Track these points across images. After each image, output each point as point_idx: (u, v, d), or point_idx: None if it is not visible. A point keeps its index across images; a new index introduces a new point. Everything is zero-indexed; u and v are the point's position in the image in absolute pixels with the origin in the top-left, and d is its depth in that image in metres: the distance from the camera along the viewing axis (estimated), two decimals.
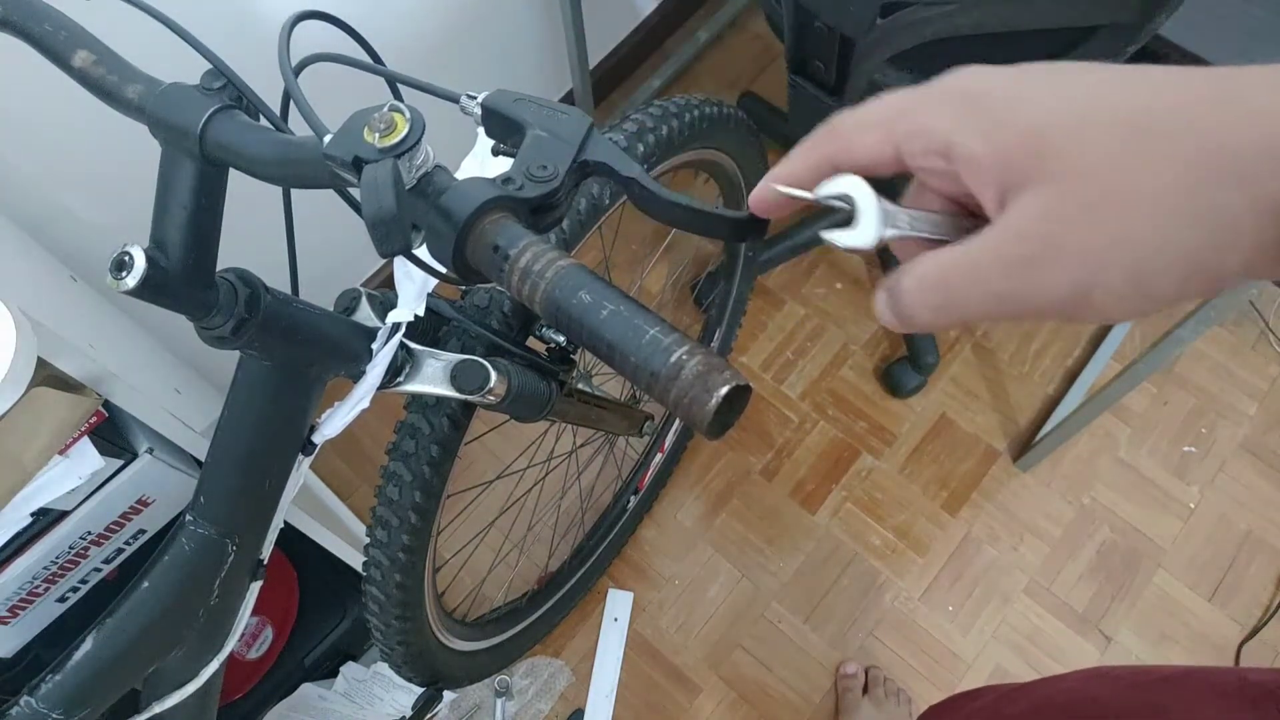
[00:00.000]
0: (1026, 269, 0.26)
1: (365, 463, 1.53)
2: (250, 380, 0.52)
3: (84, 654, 0.55)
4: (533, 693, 1.37)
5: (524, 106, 0.39)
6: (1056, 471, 1.51)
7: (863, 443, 1.54)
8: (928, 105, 0.28)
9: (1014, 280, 0.26)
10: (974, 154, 0.26)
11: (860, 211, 0.29)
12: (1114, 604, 1.42)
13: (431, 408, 0.72)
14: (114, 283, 0.40)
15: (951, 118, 0.27)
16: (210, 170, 0.43)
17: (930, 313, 0.28)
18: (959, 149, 0.27)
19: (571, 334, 0.32)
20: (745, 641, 1.41)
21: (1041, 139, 0.25)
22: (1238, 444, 1.53)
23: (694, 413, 0.29)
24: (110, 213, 1.01)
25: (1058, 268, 0.25)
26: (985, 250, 0.26)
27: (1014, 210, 0.26)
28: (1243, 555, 1.45)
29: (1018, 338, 1.62)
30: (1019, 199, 0.26)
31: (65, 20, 0.45)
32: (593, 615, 1.42)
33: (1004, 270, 0.26)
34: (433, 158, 0.36)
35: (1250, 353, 1.60)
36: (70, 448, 0.69)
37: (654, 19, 1.76)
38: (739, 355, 1.61)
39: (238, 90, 0.43)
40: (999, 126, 0.26)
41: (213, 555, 0.57)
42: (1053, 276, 0.25)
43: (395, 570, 0.78)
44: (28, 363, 0.52)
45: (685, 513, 1.50)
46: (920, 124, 0.28)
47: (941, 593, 1.43)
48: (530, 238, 0.33)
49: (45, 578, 0.77)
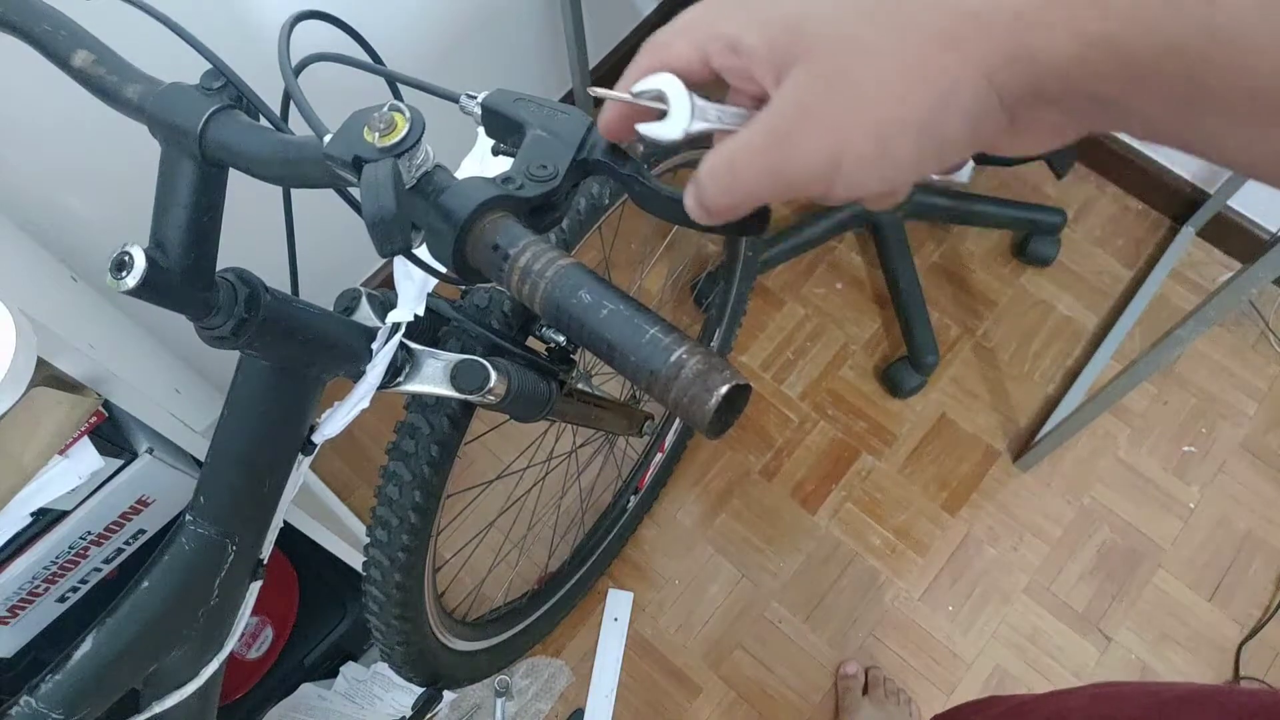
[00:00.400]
0: (788, 140, 0.28)
1: (365, 463, 1.53)
2: (250, 380, 0.52)
3: (84, 654, 0.55)
4: (533, 693, 1.37)
5: (524, 106, 0.38)
6: (1056, 471, 1.51)
7: (863, 443, 1.54)
8: (719, 10, 0.31)
9: (779, 152, 0.29)
10: (754, 46, 0.29)
11: (671, 105, 0.32)
12: (1114, 604, 1.42)
13: (431, 407, 0.72)
14: (114, 283, 0.40)
15: (736, 19, 0.30)
16: (210, 170, 0.43)
17: (722, 194, 0.31)
18: (743, 44, 0.30)
19: (571, 334, 0.32)
20: (745, 641, 1.41)
21: (798, 24, 0.28)
22: (1238, 444, 1.53)
23: (694, 412, 0.29)
24: (110, 212, 1.01)
25: (812, 136, 0.28)
26: (757, 128, 0.29)
27: (780, 89, 0.29)
28: (1243, 555, 1.45)
29: (1018, 337, 1.62)
30: (786, 80, 0.28)
31: (65, 20, 0.45)
32: (593, 615, 1.42)
33: (771, 143, 0.29)
34: (433, 157, 0.36)
35: (1250, 353, 1.60)
36: (70, 448, 0.69)
37: (654, 19, 1.76)
38: (739, 355, 1.61)
39: (238, 90, 0.43)
40: (770, 20, 0.29)
41: (213, 555, 0.57)
42: (809, 144, 0.28)
43: (395, 570, 0.78)
44: (28, 363, 0.52)
45: (685, 513, 1.50)
46: (715, 29, 0.31)
47: (941, 593, 1.43)
48: (530, 237, 0.33)
49: (45, 578, 0.77)
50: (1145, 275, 1.65)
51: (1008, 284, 1.67)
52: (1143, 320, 1.61)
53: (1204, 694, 0.58)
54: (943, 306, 1.65)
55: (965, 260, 1.69)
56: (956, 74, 0.26)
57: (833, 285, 1.67)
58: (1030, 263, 1.67)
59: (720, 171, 0.30)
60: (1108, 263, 1.68)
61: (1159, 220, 1.72)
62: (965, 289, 1.67)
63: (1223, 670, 1.38)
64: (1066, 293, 1.66)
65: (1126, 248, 1.69)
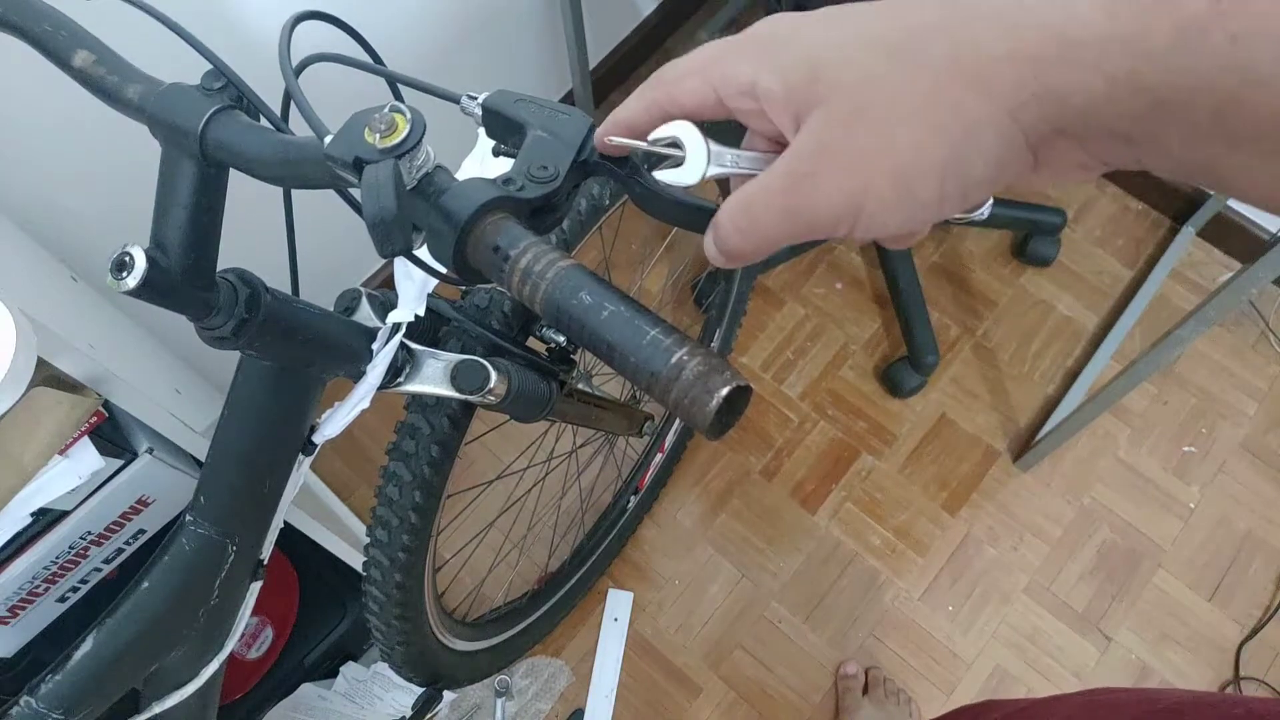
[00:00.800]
0: (806, 182, 0.28)
1: (365, 463, 1.53)
2: (250, 380, 0.52)
3: (84, 654, 0.55)
4: (533, 693, 1.37)
5: (524, 107, 0.38)
6: (1056, 471, 1.51)
7: (863, 443, 1.54)
8: (735, 51, 0.31)
9: (798, 195, 0.28)
10: (771, 90, 0.29)
11: (688, 152, 0.32)
12: (1114, 604, 1.42)
13: (431, 408, 0.72)
14: (114, 283, 0.40)
15: (752, 61, 0.30)
16: (210, 170, 0.43)
17: (739, 236, 0.30)
18: (760, 87, 0.29)
19: (572, 334, 0.32)
20: (745, 641, 1.41)
21: (816, 67, 0.28)
22: (1238, 444, 1.53)
23: (695, 413, 0.29)
24: (110, 213, 1.01)
25: (832, 178, 0.28)
26: (776, 171, 0.29)
27: (800, 133, 0.28)
28: (1243, 555, 1.45)
29: (1018, 338, 1.62)
30: (804, 123, 0.28)
31: (65, 20, 0.45)
32: (593, 615, 1.42)
33: (790, 186, 0.28)
34: (433, 158, 0.36)
35: (1250, 353, 1.60)
36: (70, 448, 0.69)
37: (654, 19, 1.76)
38: (739, 355, 1.61)
39: (238, 90, 0.43)
40: (786, 62, 0.29)
41: (213, 555, 0.57)
42: (828, 186, 0.28)
43: (395, 570, 0.78)
44: (28, 363, 0.52)
45: (685, 513, 1.50)
46: (730, 69, 0.30)
47: (941, 593, 1.43)
48: (531, 238, 0.33)
49: (45, 578, 0.77)
50: (1145, 275, 1.65)
51: (1008, 284, 1.67)
52: (1143, 320, 1.61)
53: (1201, 701, 0.57)
54: (943, 306, 1.65)
55: (965, 260, 1.69)
56: (980, 114, 0.25)
57: (833, 285, 1.67)
58: (1030, 263, 1.67)
59: (738, 215, 0.30)
60: (1108, 263, 1.68)
61: (1159, 220, 1.72)
62: (965, 289, 1.67)
63: (1223, 670, 1.38)
64: (1066, 293, 1.66)
65: (1126, 248, 1.69)
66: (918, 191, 0.27)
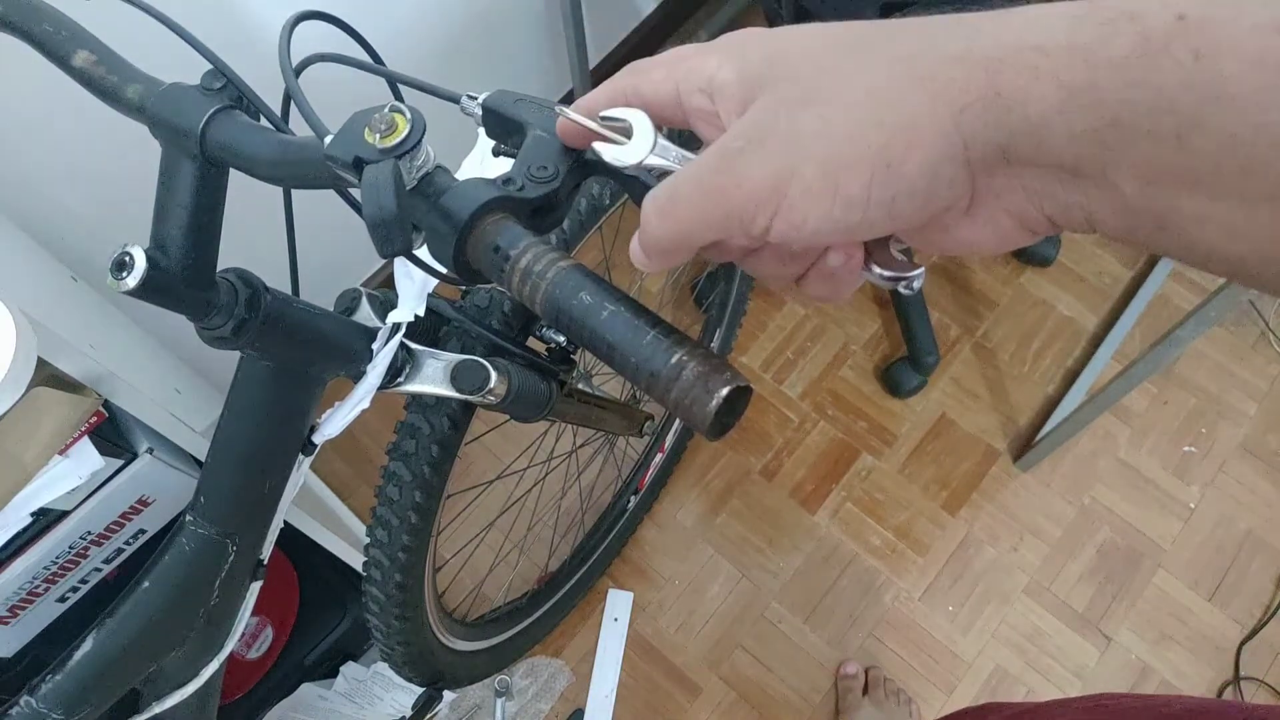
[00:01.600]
0: (734, 158, 0.28)
1: (365, 463, 1.53)
2: (250, 380, 0.52)
3: (84, 654, 0.55)
4: (533, 693, 1.37)
5: (525, 107, 0.38)
6: (1056, 471, 1.51)
7: (863, 443, 1.54)
8: (704, 50, 0.31)
9: (722, 172, 0.28)
10: (726, 81, 0.29)
11: (635, 135, 0.32)
12: (1114, 604, 1.42)
13: (431, 408, 0.72)
14: (114, 283, 0.40)
15: (718, 59, 0.30)
16: (210, 170, 0.43)
17: (658, 219, 0.29)
18: (717, 80, 0.29)
19: (572, 335, 0.32)
20: (745, 641, 1.41)
21: (774, 59, 0.28)
22: (1238, 444, 1.53)
23: (695, 414, 0.29)
24: (111, 213, 1.01)
25: (759, 156, 0.27)
26: (708, 150, 0.29)
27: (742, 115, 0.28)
28: (1243, 555, 1.45)
29: (1018, 338, 1.62)
30: (749, 107, 0.28)
31: (65, 20, 0.45)
32: (593, 615, 1.42)
33: (717, 164, 0.28)
34: (433, 158, 0.36)
35: (1250, 353, 1.60)
36: (70, 448, 0.69)
37: (654, 19, 1.76)
38: (739, 355, 1.61)
39: (238, 90, 0.43)
40: (749, 56, 0.29)
41: (213, 555, 0.57)
42: (754, 164, 0.27)
43: (395, 570, 0.78)
44: (28, 363, 0.52)
45: (685, 513, 1.50)
46: (695, 64, 0.31)
47: (941, 593, 1.43)
48: (531, 238, 0.33)
49: (45, 578, 0.77)
50: (1145, 275, 1.65)
51: (1008, 284, 1.67)
52: (1143, 320, 1.61)
53: (1205, 708, 0.57)
54: (943, 306, 1.65)
55: (965, 260, 1.69)
56: (921, 109, 0.25)
57: None
58: (1030, 263, 1.67)
59: (661, 196, 0.29)
60: (1108, 263, 1.68)
61: None
62: (965, 289, 1.67)
63: (1223, 670, 1.38)
64: (1066, 293, 1.66)
65: (1126, 248, 1.69)
66: (844, 184, 0.26)
